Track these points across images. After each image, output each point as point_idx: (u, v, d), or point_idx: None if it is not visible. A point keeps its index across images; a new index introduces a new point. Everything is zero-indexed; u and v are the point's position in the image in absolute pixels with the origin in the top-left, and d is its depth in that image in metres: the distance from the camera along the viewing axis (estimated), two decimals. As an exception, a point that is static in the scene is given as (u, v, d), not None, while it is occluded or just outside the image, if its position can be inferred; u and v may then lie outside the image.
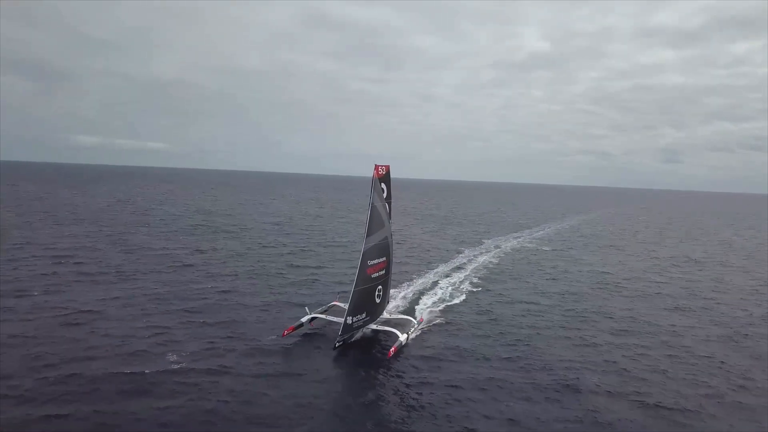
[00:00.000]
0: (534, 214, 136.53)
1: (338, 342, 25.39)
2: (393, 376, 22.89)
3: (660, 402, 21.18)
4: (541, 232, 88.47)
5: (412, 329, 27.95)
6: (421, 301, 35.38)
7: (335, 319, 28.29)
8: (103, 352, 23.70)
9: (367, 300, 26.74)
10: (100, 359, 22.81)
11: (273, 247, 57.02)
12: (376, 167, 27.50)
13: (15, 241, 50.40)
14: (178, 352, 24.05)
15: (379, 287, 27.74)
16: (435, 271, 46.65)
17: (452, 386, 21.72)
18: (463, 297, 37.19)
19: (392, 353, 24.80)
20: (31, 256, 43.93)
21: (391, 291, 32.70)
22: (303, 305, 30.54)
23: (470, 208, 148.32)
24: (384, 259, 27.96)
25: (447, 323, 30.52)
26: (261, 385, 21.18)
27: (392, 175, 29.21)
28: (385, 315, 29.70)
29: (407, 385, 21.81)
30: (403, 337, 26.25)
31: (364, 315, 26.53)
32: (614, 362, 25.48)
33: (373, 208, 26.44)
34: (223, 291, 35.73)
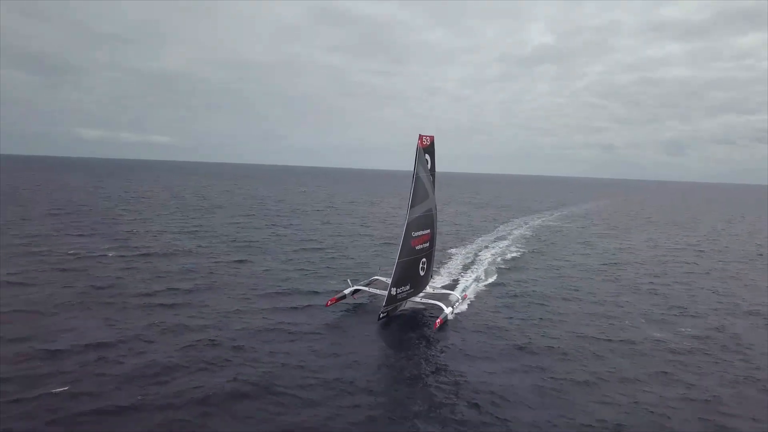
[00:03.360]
0: (547, 200, 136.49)
1: (382, 313, 24.99)
2: (437, 348, 22.40)
3: None
4: (559, 213, 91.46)
5: (457, 303, 27.52)
6: (465, 277, 35.08)
7: (378, 291, 27.92)
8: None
9: (411, 272, 26.27)
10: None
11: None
12: (420, 137, 26.78)
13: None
14: (240, 313, 25.22)
15: (424, 260, 27.24)
16: (475, 246, 47.40)
17: (491, 360, 20.94)
18: (505, 273, 37.06)
19: (438, 325, 24.43)
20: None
21: (434, 265, 32.33)
22: (346, 276, 30.88)
23: (484, 197, 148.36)
24: (428, 231, 27.41)
25: (492, 299, 29.97)
26: (304, 352, 20.89)
27: (395, 168, 28.67)
28: (429, 289, 29.26)
29: (451, 358, 21.17)
30: (448, 311, 25.78)
31: (408, 287, 26.08)
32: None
33: (417, 178, 25.85)
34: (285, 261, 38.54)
